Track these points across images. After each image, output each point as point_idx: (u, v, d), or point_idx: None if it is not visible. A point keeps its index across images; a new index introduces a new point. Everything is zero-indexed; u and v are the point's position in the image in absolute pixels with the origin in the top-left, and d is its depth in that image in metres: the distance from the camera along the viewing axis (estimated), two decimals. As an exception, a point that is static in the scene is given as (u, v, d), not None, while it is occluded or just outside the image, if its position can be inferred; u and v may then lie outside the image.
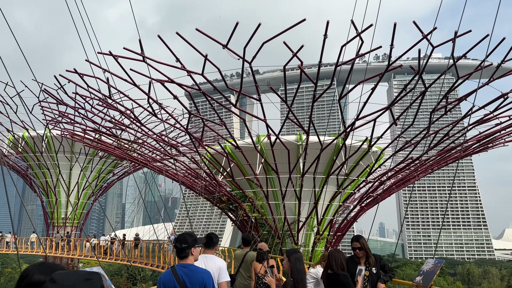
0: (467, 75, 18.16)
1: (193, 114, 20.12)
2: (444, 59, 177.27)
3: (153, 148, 24.28)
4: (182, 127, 21.74)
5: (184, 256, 4.67)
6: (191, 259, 4.72)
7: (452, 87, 18.10)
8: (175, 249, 4.82)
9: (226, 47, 16.12)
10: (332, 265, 6.01)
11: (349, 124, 21.10)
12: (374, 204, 29.32)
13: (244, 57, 16.80)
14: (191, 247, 4.71)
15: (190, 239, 4.75)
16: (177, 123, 22.39)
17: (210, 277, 4.59)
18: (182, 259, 4.69)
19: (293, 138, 25.59)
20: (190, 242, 4.72)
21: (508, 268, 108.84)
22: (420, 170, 27.78)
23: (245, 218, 28.12)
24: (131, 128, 23.77)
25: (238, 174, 26.61)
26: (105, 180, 55.79)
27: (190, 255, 4.72)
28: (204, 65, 17.12)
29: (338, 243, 29.75)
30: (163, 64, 17.43)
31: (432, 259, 5.77)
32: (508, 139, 27.99)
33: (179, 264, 4.69)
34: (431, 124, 21.25)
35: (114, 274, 71.85)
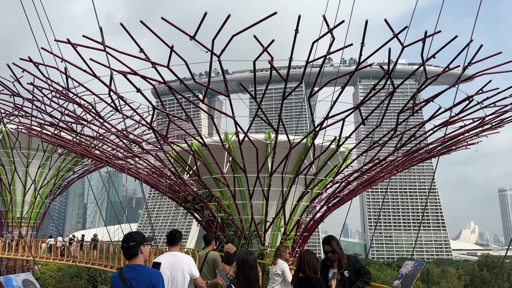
0: (436, 75, 18.29)
1: (157, 109, 19.21)
2: (408, 65, 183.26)
3: (114, 144, 23.11)
4: (146, 122, 20.76)
5: (133, 255, 4.39)
6: (140, 258, 4.44)
7: (421, 87, 18.19)
8: (122, 250, 4.51)
9: (194, 38, 15.40)
10: (304, 268, 5.49)
11: (318, 123, 20.84)
12: (340, 204, 29.32)
13: (213, 50, 16.13)
14: (139, 245, 4.42)
15: (138, 237, 4.48)
16: (141, 119, 21.33)
17: (159, 278, 4.37)
18: (130, 259, 4.42)
19: (262, 136, 25.11)
20: (139, 240, 4.44)
21: (465, 268, 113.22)
22: (386, 171, 28.01)
23: (211, 218, 27.37)
24: (91, 123, 22.52)
25: (204, 173, 25.84)
26: (65, 179, 53.40)
27: (140, 253, 4.43)
28: (170, 57, 16.31)
29: (304, 243, 29.54)
30: (125, 54, 16.48)
31: (411, 261, 5.32)
32: (470, 141, 28.73)
33: (127, 266, 4.42)
34: (398, 125, 21.35)
35: (73, 276, 69.16)
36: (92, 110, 20.42)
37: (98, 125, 22.91)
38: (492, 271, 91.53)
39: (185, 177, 25.49)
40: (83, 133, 26.34)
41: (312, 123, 20.14)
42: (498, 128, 26.44)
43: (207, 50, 16.07)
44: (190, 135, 24.08)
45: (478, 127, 24.55)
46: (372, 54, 16.93)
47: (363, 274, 5.53)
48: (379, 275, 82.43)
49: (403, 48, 16.35)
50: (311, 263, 5.60)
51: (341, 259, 5.56)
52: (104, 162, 27.06)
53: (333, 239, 5.75)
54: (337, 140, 21.86)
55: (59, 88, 20.86)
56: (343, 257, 5.56)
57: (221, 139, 23.61)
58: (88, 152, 26.96)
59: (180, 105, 19.30)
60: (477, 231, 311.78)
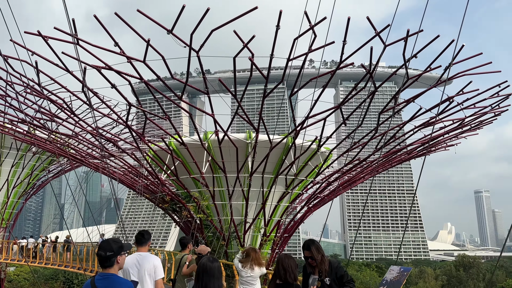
0: (417, 75, 18.20)
1: (133, 106, 18.52)
2: (388, 68, 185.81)
3: (89, 143, 22.24)
4: (121, 119, 20.01)
5: (109, 265, 4.30)
6: (115, 268, 4.36)
7: (402, 87, 18.02)
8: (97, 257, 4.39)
9: (171, 32, 14.82)
10: (281, 274, 5.06)
11: (299, 123, 20.49)
12: (321, 205, 29.10)
13: (191, 45, 15.57)
14: (116, 255, 4.34)
15: (116, 246, 4.37)
16: (117, 117, 20.55)
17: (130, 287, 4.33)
18: (105, 268, 4.32)
19: (242, 136, 24.61)
20: (116, 250, 4.34)
21: (442, 268, 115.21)
22: (366, 171, 27.93)
23: (189, 219, 26.74)
24: (66, 121, 21.61)
25: (183, 173, 25.20)
26: (39, 178, 51.72)
27: (116, 263, 4.36)
28: (146, 51, 15.69)
29: (285, 244, 29.19)
30: (98, 47, 15.76)
31: (397, 266, 4.93)
32: (450, 143, 28.93)
33: (100, 274, 4.30)
34: (379, 125, 21.21)
35: (49, 278, 67.37)
36: (65, 107, 19.56)
37: (73, 123, 22.02)
38: (468, 271, 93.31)
39: (163, 177, 24.78)
40: (57, 131, 25.34)
41: (293, 123, 19.77)
42: (477, 129, 26.70)
43: (185, 45, 15.51)
44: (167, 133, 23.40)
45: (457, 128, 24.70)
46: (354, 52, 16.68)
47: (345, 282, 5.07)
48: (358, 275, 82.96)
49: (385, 47, 16.15)
50: (289, 268, 5.17)
51: (322, 265, 5.12)
52: (79, 161, 26.12)
53: (313, 244, 5.31)
54: (318, 140, 21.58)
55: (30, 83, 19.92)
56: (323, 263, 5.12)
57: (200, 138, 23.03)
58: (62, 151, 25.97)
59: (157, 101, 18.66)
60: (453, 232, 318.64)
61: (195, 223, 24.79)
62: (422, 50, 16.28)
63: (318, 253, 5.15)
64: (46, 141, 25.63)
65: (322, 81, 18.90)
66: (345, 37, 15.48)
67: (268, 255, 27.73)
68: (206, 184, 24.69)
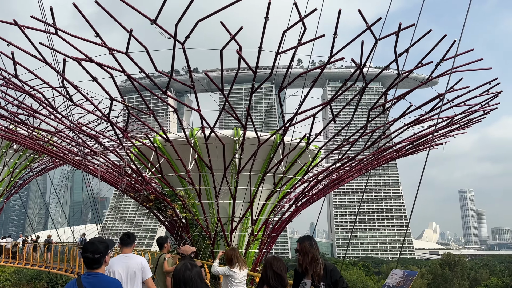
0: (409, 71, 17.84)
1: (115, 100, 17.75)
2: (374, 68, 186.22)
3: (69, 139, 21.36)
4: (102, 114, 19.21)
5: (97, 267, 4.21)
6: (103, 268, 4.30)
7: (393, 83, 17.68)
8: (84, 260, 4.24)
9: (155, 22, 14.14)
10: (269, 279, 4.51)
11: (287, 119, 19.96)
12: (309, 203, 28.66)
13: (176, 36, 14.91)
14: (104, 256, 4.28)
15: (102, 246, 4.25)
16: (97, 111, 19.72)
17: (119, 286, 4.26)
18: (92, 268, 4.21)
19: (229, 133, 24.00)
20: (103, 250, 4.25)
21: (427, 267, 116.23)
22: (355, 169, 27.57)
23: (174, 218, 26.04)
24: (47, 117, 20.70)
25: (168, 171, 24.47)
26: (21, 176, 50.29)
27: (104, 263, 4.30)
28: (129, 42, 14.97)
29: (272, 244, 28.67)
30: (78, 38, 14.99)
31: (399, 270, 4.40)
32: (438, 141, 28.74)
33: (86, 274, 4.20)
34: (369, 122, 20.82)
35: (32, 278, 65.80)
36: (44, 101, 18.68)
37: (53, 118, 21.12)
38: (453, 270, 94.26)
39: (147, 175, 24.03)
40: (38, 127, 24.39)
41: (282, 119, 19.27)
42: (466, 128, 26.54)
43: (170, 36, 14.85)
44: (152, 129, 22.65)
45: (446, 126, 24.46)
46: (344, 46, 16.21)
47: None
48: (345, 274, 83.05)
49: (376, 41, 15.71)
50: (278, 271, 4.62)
51: (311, 265, 4.57)
52: (60, 159, 25.19)
53: (308, 240, 4.76)
54: (307, 138, 21.11)
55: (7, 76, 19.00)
56: (315, 264, 4.57)
57: (186, 135, 22.34)
58: (43, 148, 25.00)
59: (141, 96, 17.91)
60: (438, 230, 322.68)
61: (180, 222, 24.09)
62: (413, 45, 15.85)
63: (309, 251, 4.59)
64: (26, 137, 24.65)
65: (311, 76, 18.44)
66: (335, 30, 15.00)
67: (256, 254, 27.19)
68: (192, 182, 24.02)
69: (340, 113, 20.68)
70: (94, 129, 23.85)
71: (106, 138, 23.09)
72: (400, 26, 15.24)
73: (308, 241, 4.69)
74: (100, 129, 31.59)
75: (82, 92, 17.69)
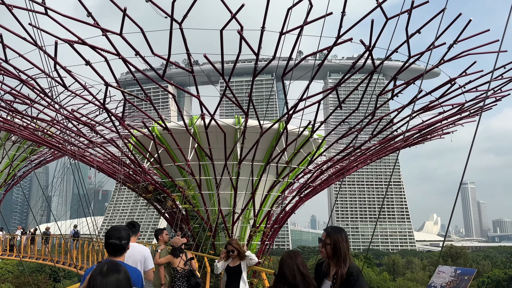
0: (420, 53, 16.89)
1: (110, 86, 16.83)
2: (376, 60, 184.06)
3: (63, 127, 20.47)
4: (97, 100, 18.31)
5: (120, 254, 4.13)
6: (124, 256, 4.21)
7: (403, 66, 16.74)
8: (107, 247, 4.17)
9: (150, 0, 13.19)
10: (289, 280, 3.67)
11: (291, 105, 19.03)
12: (313, 194, 27.84)
13: (173, 15, 13.96)
14: (128, 243, 4.24)
15: (126, 233, 4.20)
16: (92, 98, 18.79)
17: (139, 276, 4.24)
18: (115, 256, 4.11)
19: (230, 121, 23.09)
20: (127, 237, 4.20)
21: (429, 258, 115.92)
22: (360, 159, 26.70)
23: (174, 210, 25.22)
24: (35, 102, 19.78)
25: (167, 161, 23.61)
26: (20, 168, 49.61)
27: (127, 250, 4.24)
28: (123, 22, 14.04)
29: (274, 236, 27.90)
30: (70, 18, 14.06)
31: (448, 267, 3.50)
32: (446, 130, 27.80)
33: (107, 261, 3.79)
34: (377, 109, 19.90)
35: (35, 270, 65.64)
36: (35, 86, 17.77)
37: (46, 105, 20.21)
38: (456, 261, 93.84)
39: (145, 165, 23.17)
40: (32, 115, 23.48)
41: (285, 105, 18.37)
42: (476, 116, 25.60)
43: (167, 15, 13.90)
44: (149, 117, 21.74)
45: (456, 114, 23.52)
46: (353, 25, 15.26)
47: None
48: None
49: (386, 20, 14.77)
50: (295, 269, 3.78)
51: (339, 266, 3.69)
52: (55, 149, 24.34)
53: (342, 232, 3.89)
54: (312, 125, 20.19)
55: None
56: (341, 263, 3.68)
57: (185, 123, 21.44)
58: (37, 137, 24.13)
59: (137, 82, 16.98)
60: (439, 222, 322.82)
61: (180, 213, 23.29)
62: (426, 24, 14.94)
63: (342, 247, 3.71)
64: (20, 126, 23.77)
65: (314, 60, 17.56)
66: (344, 7, 14.03)
67: (258, 247, 26.43)
68: (192, 173, 23.16)
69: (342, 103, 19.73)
70: (89, 117, 22.92)
71: (102, 126, 22.16)
72: (413, 4, 14.27)
73: (343, 235, 3.81)
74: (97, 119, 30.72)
75: (75, 77, 16.78)
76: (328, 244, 3.74)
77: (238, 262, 7.61)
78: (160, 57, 15.70)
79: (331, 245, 3.73)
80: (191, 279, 8.17)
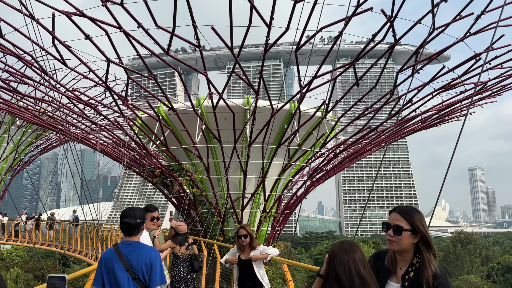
0: (445, 25, 15.56)
1: (112, 62, 15.76)
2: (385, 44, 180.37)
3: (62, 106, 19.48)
4: (100, 78, 17.25)
5: (136, 233, 4.18)
6: (139, 236, 4.24)
7: (427, 38, 15.38)
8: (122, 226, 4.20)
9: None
10: (343, 283, 2.63)
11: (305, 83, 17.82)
12: (325, 179, 26.79)
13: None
14: (143, 223, 4.29)
15: (141, 213, 4.28)
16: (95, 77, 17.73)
17: (158, 256, 4.14)
18: (130, 235, 4.17)
19: (239, 101, 21.96)
20: (142, 217, 4.26)
21: (438, 244, 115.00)
22: (375, 142, 25.50)
23: (181, 194, 24.36)
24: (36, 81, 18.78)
25: (173, 143, 22.62)
26: (26, 153, 49.19)
27: (141, 230, 4.29)
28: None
29: (285, 222, 26.98)
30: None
31: None
32: (464, 111, 26.48)
33: (123, 242, 4.21)
34: (396, 86, 18.65)
35: (44, 255, 65.93)
36: (34, 64, 16.76)
37: (47, 85, 19.21)
38: (466, 247, 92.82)
39: (151, 148, 22.21)
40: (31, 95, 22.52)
41: (298, 82, 17.17)
42: (497, 96, 24.23)
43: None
44: (153, 95, 20.65)
45: (478, 93, 22.17)
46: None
47: None
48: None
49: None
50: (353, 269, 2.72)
51: (426, 266, 2.60)
52: (55, 130, 23.44)
53: (417, 212, 2.81)
54: (326, 105, 19.01)
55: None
56: (429, 260, 2.60)
57: (192, 104, 20.37)
58: (38, 119, 23.23)
59: (141, 58, 15.88)
60: (447, 208, 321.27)
61: (187, 198, 22.39)
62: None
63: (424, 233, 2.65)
64: (20, 108, 22.86)
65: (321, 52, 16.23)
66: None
67: (268, 233, 25.56)
68: (199, 156, 22.17)
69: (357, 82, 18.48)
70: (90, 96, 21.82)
71: (105, 107, 21.14)
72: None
73: (417, 215, 2.73)
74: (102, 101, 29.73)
75: (75, 53, 15.71)
76: (406, 230, 2.67)
77: (250, 252, 6.58)
78: (164, 29, 14.55)
79: (411, 232, 2.66)
80: (195, 264, 8.10)
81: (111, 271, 3.97)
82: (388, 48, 16.02)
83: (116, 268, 3.95)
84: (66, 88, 17.21)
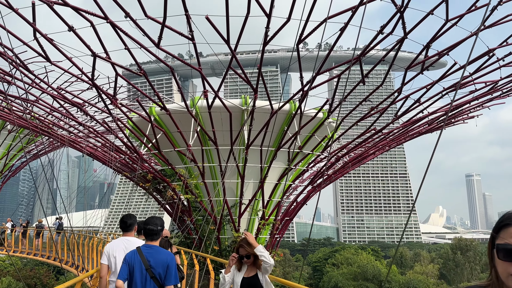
0: (459, 16, 14.42)
1: (99, 57, 14.49)
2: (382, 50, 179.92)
3: (51, 108, 18.15)
4: (85, 75, 15.95)
5: (156, 238, 4.93)
6: (158, 241, 4.97)
7: (440, 30, 14.25)
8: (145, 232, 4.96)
9: None
10: None
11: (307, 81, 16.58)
12: (327, 184, 25.50)
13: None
14: (163, 230, 5.04)
15: (161, 221, 5.04)
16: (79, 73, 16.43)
17: (173, 259, 4.83)
18: (152, 240, 4.92)
19: (237, 101, 20.70)
20: (162, 225, 5.01)
21: (437, 251, 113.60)
22: (379, 145, 24.29)
23: (175, 200, 22.99)
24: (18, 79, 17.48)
25: (166, 146, 21.31)
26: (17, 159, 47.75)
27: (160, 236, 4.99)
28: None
29: (285, 229, 25.61)
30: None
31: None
32: (472, 113, 25.38)
33: (144, 245, 4.91)
34: (404, 84, 17.47)
35: (38, 263, 64.46)
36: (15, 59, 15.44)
37: (29, 82, 17.91)
38: (465, 254, 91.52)
39: (142, 151, 20.88)
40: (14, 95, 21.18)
41: (300, 79, 15.97)
42: (508, 96, 23.12)
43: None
44: (143, 94, 19.37)
45: (488, 93, 21.05)
46: None
47: None
48: (355, 258, 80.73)
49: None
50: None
51: None
52: (44, 134, 22.08)
53: None
54: (329, 104, 17.78)
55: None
56: None
57: (186, 104, 19.10)
58: (23, 120, 21.87)
59: (128, 51, 14.62)
60: (445, 214, 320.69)
61: (179, 202, 21.01)
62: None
63: None
64: (4, 108, 21.51)
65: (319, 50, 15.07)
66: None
67: (267, 241, 24.18)
68: (194, 159, 20.85)
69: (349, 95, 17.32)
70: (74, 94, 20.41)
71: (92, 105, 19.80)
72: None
73: None
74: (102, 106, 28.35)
75: (58, 47, 14.43)
76: None
77: (255, 271, 5.23)
78: (154, 20, 13.31)
79: None
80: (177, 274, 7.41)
81: (133, 269, 4.72)
82: (397, 41, 14.85)
83: (137, 267, 4.71)
84: (48, 85, 15.91)
